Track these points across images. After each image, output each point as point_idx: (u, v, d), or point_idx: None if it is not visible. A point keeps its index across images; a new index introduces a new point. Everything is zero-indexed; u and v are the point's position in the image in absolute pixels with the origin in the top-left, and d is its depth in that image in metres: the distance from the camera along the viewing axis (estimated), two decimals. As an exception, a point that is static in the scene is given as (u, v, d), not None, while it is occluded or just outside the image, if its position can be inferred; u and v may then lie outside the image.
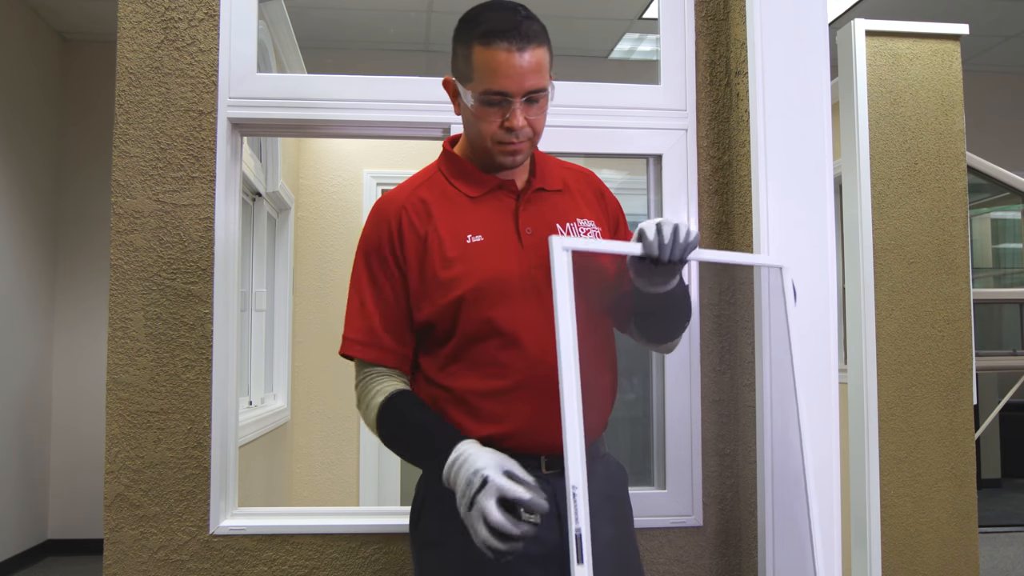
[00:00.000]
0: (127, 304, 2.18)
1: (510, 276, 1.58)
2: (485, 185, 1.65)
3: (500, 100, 1.54)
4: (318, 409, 4.82)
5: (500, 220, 1.63)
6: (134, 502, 2.16)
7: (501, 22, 1.53)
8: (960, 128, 3.14)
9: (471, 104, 1.56)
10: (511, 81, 1.53)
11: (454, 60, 1.61)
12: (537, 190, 1.68)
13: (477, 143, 1.62)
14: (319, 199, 4.90)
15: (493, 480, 1.37)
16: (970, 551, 3.02)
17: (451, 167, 1.69)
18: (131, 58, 2.22)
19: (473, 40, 1.54)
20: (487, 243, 1.60)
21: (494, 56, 1.52)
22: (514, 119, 1.55)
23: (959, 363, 3.08)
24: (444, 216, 1.62)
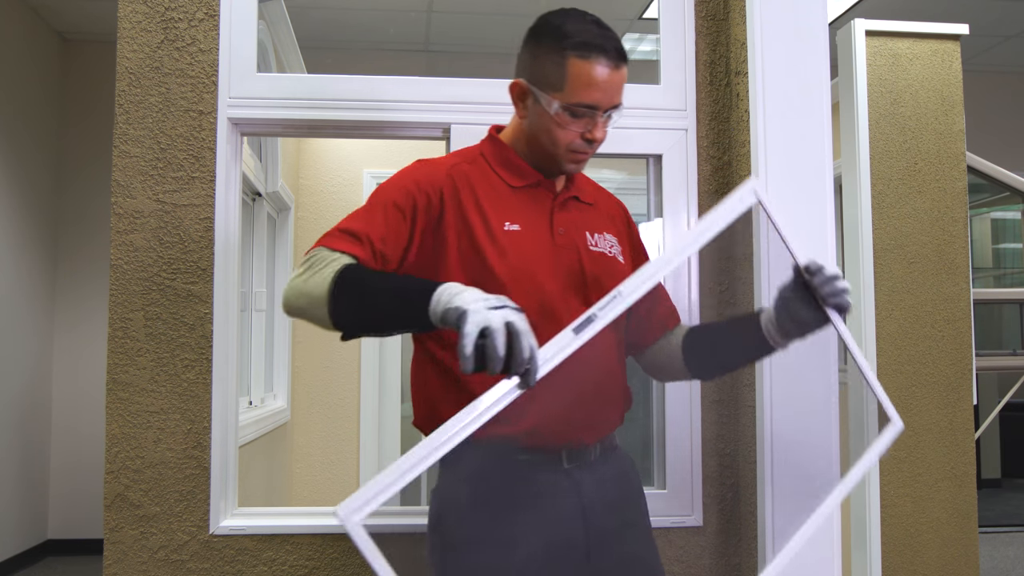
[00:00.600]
0: (127, 304, 2.18)
1: (542, 270, 1.60)
2: (527, 178, 1.66)
3: (586, 112, 1.56)
4: (318, 409, 4.82)
5: (536, 215, 1.64)
6: (134, 502, 2.16)
7: (600, 37, 1.54)
8: (960, 128, 3.14)
9: (554, 111, 1.56)
10: (604, 96, 1.55)
11: (532, 65, 1.59)
12: (573, 198, 1.71)
13: (545, 147, 1.62)
14: (319, 199, 4.90)
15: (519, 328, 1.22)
16: (970, 551, 3.02)
17: (496, 154, 1.69)
18: (131, 58, 2.22)
19: (568, 50, 1.54)
20: (523, 233, 1.61)
21: (592, 70, 1.53)
22: (597, 131, 1.58)
23: (959, 363, 3.08)
24: (485, 197, 1.62)
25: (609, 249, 1.70)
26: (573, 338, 1.29)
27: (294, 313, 1.51)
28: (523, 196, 1.65)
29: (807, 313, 1.51)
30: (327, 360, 4.84)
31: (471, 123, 2.30)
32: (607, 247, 1.70)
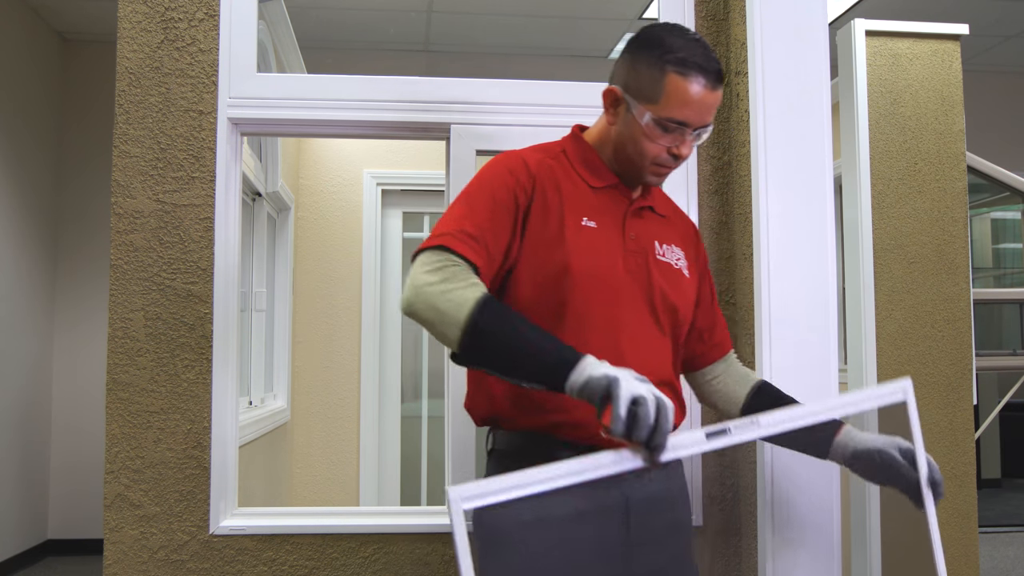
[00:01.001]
0: (127, 304, 2.18)
1: (612, 270, 1.61)
2: (606, 180, 1.68)
3: (676, 128, 1.57)
4: (318, 409, 4.82)
5: (611, 217, 1.66)
6: (134, 502, 2.16)
7: (702, 57, 1.54)
8: (960, 128, 3.14)
9: (646, 123, 1.57)
10: (696, 115, 1.56)
11: (630, 74, 1.59)
12: (648, 207, 1.72)
13: (631, 157, 1.63)
14: (319, 199, 4.90)
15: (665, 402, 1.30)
16: (970, 551, 3.02)
17: (578, 153, 1.70)
18: (131, 58, 2.23)
19: (669, 65, 1.54)
20: (598, 231, 1.62)
21: (690, 88, 1.54)
22: (684, 148, 1.60)
23: (959, 363, 3.08)
24: (567, 192, 1.64)
25: (676, 261, 1.71)
26: (703, 441, 1.37)
27: (415, 318, 1.48)
28: (601, 197, 1.67)
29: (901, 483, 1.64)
30: (327, 360, 4.84)
31: (471, 123, 2.30)
32: (674, 259, 1.71)
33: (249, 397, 4.01)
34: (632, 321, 1.61)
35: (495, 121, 2.32)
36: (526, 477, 1.30)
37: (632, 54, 1.61)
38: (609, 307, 1.59)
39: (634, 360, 1.57)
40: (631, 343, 1.60)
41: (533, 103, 2.33)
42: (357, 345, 4.88)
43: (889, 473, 1.63)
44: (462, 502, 1.26)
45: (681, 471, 1.77)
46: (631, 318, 1.61)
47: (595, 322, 1.58)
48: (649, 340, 1.63)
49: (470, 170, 2.30)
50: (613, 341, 1.58)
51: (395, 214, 5.05)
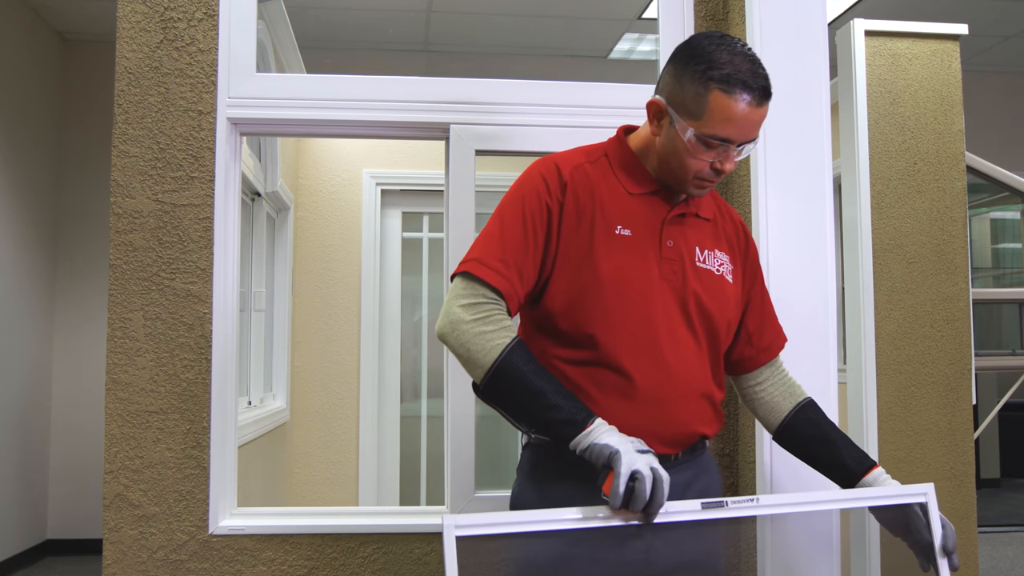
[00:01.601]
0: (126, 304, 2.18)
1: (643, 278, 1.60)
2: (647, 186, 1.66)
3: (719, 144, 1.55)
4: (317, 409, 4.82)
5: (649, 223, 1.64)
6: (133, 502, 2.16)
7: (748, 74, 1.51)
8: (959, 128, 3.14)
9: (688, 139, 1.55)
10: (740, 132, 1.54)
11: (674, 86, 1.57)
12: (690, 212, 1.69)
13: (673, 169, 1.61)
14: (318, 199, 4.90)
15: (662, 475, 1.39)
16: (969, 551, 3.02)
17: (620, 158, 1.69)
18: (130, 58, 2.23)
19: (712, 82, 1.51)
20: (633, 239, 1.61)
21: (734, 106, 1.51)
22: (727, 164, 1.58)
23: (958, 363, 3.08)
24: (603, 199, 1.62)
25: (718, 267, 1.69)
26: (698, 511, 1.46)
27: (446, 346, 1.57)
28: (640, 203, 1.65)
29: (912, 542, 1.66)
30: (326, 360, 4.84)
31: (471, 123, 2.31)
32: (715, 265, 1.69)
33: (248, 397, 4.01)
34: (667, 329, 1.60)
35: (495, 121, 2.32)
36: (523, 517, 1.42)
37: (678, 66, 1.57)
38: (643, 316, 1.58)
39: (676, 365, 1.58)
40: (672, 349, 1.59)
41: (533, 103, 2.33)
42: (356, 345, 4.88)
43: (905, 528, 1.64)
44: (455, 530, 1.34)
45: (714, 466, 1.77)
46: (665, 326, 1.60)
47: (630, 330, 1.57)
48: (685, 348, 1.62)
49: (470, 170, 2.31)
50: (653, 349, 1.58)
51: (394, 214, 5.05)
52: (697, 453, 1.69)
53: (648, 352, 1.57)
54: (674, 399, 1.59)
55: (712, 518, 1.46)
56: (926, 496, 1.60)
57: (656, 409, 1.57)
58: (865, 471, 1.67)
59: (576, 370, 1.58)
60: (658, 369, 1.57)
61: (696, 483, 1.66)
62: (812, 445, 1.74)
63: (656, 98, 1.60)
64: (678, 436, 1.61)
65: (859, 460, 1.69)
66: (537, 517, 1.42)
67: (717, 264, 1.69)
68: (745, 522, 1.80)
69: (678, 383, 1.59)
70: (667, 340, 1.59)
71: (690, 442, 1.64)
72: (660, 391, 1.57)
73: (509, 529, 1.40)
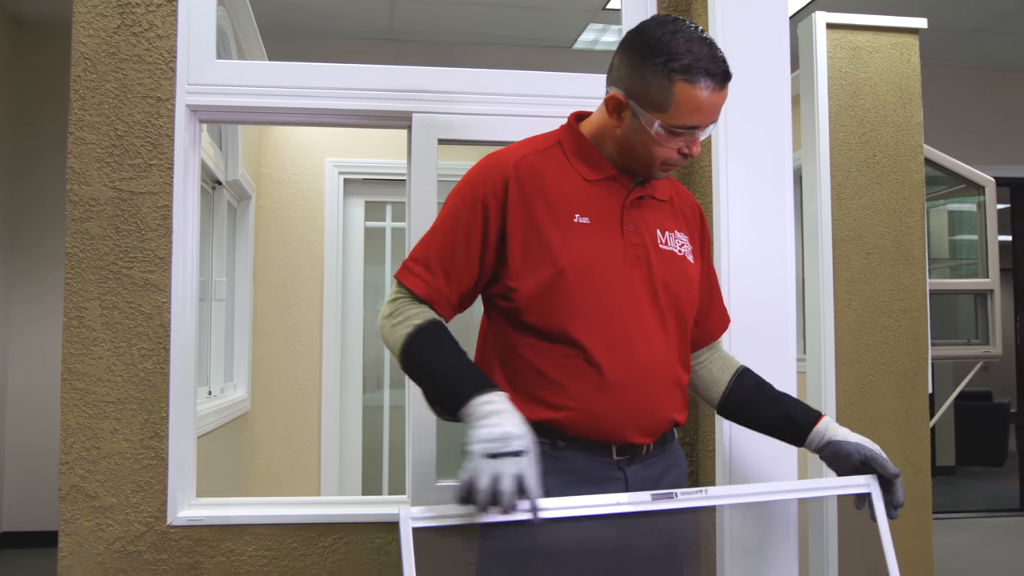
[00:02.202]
0: (83, 293, 2.15)
1: (608, 265, 1.59)
2: (602, 172, 1.65)
3: (686, 132, 1.55)
4: (279, 399, 4.79)
5: (608, 209, 1.63)
6: (90, 493, 2.13)
7: (709, 60, 1.51)
8: (918, 121, 3.18)
9: (656, 131, 1.54)
10: (706, 118, 1.55)
11: (634, 80, 1.55)
12: (648, 195, 1.68)
13: (639, 158, 1.61)
14: (280, 188, 4.85)
15: (527, 462, 1.40)
16: (924, 537, 3.07)
17: (573, 145, 1.67)
18: (87, 43, 2.19)
19: (676, 74, 1.50)
20: (592, 227, 1.60)
21: (698, 94, 1.51)
22: (694, 148, 1.58)
23: (915, 352, 3.13)
24: (556, 188, 1.61)
25: (679, 248, 1.69)
26: (648, 502, 1.49)
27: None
28: (597, 190, 1.64)
29: None
30: (288, 350, 4.81)
31: (433, 112, 2.30)
32: (677, 246, 1.69)
33: (209, 387, 3.97)
34: (636, 315, 1.59)
35: (457, 110, 2.31)
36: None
37: (634, 59, 1.55)
38: (610, 304, 1.57)
39: (647, 353, 1.58)
40: (642, 336, 1.59)
41: (495, 92, 2.33)
42: (319, 335, 4.85)
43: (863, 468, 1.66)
44: (411, 521, 1.36)
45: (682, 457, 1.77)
46: (634, 313, 1.59)
47: (598, 319, 1.57)
48: (655, 334, 1.61)
49: (432, 159, 2.30)
50: (624, 337, 1.57)
51: (357, 203, 5.02)
52: (667, 445, 1.69)
53: (619, 341, 1.57)
54: (647, 387, 1.59)
55: (661, 509, 1.47)
56: (868, 487, 1.64)
57: (630, 398, 1.57)
58: (813, 423, 1.70)
59: (548, 363, 1.57)
60: (630, 358, 1.57)
61: (665, 478, 1.66)
62: (755, 409, 1.76)
63: (615, 92, 1.58)
64: (652, 425, 1.61)
65: (805, 412, 1.72)
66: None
67: (679, 245, 1.69)
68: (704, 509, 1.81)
69: (650, 371, 1.59)
70: (637, 327, 1.59)
71: (663, 429, 1.64)
72: (633, 380, 1.57)
73: (466, 520, 1.41)
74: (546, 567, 1.53)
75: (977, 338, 3.87)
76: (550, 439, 1.57)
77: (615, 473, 1.59)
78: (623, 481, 1.59)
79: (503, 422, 1.42)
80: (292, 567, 2.20)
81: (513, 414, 1.44)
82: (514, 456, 1.39)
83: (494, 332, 1.66)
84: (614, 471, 1.59)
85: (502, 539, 1.54)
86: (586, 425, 1.56)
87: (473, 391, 1.47)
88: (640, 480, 1.60)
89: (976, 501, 6.93)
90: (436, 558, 1.77)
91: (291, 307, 4.82)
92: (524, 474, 1.38)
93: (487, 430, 1.41)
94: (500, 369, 1.62)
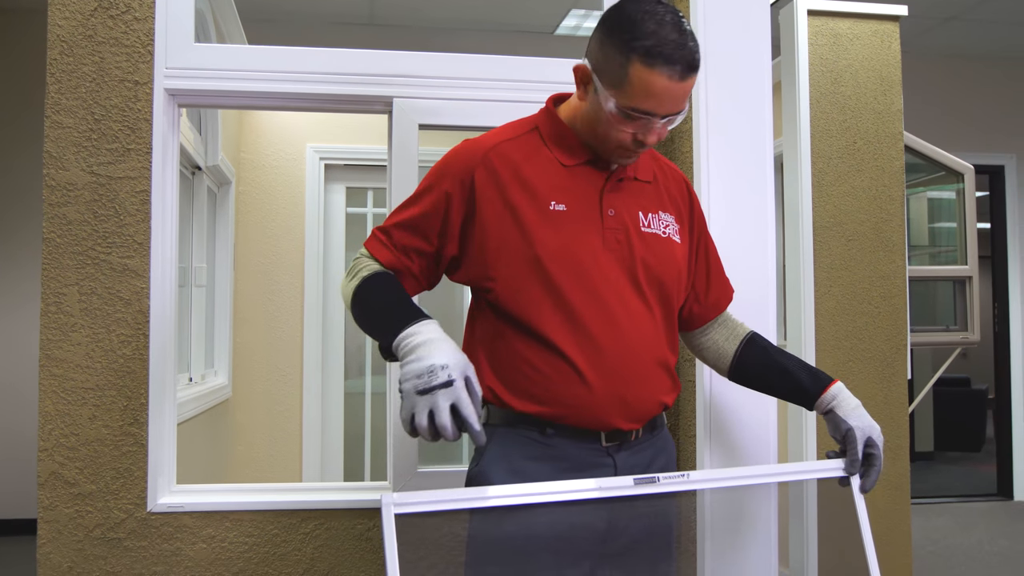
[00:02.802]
0: (60, 279, 2.13)
1: (587, 251, 1.57)
2: (580, 156, 1.62)
3: (641, 116, 1.50)
4: (260, 386, 4.78)
5: (586, 194, 1.60)
6: (69, 480, 2.12)
7: (671, 46, 1.45)
8: (898, 108, 3.20)
9: (609, 109, 1.50)
10: (661, 106, 1.49)
11: (599, 53, 1.52)
12: (628, 177, 1.66)
13: (598, 138, 1.58)
14: (261, 173, 4.82)
15: (458, 390, 1.39)
16: (902, 522, 3.10)
17: (551, 129, 1.65)
18: (63, 26, 2.16)
19: (634, 54, 1.45)
20: (570, 213, 1.58)
21: (654, 80, 1.46)
22: (650, 136, 1.53)
23: (894, 339, 3.15)
24: (532, 175, 1.59)
25: (664, 229, 1.66)
26: (631, 487, 1.49)
27: None
28: (575, 174, 1.61)
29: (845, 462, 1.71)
30: (270, 336, 4.79)
31: (414, 96, 2.29)
32: (661, 227, 1.66)
33: (189, 374, 3.95)
34: (619, 301, 1.58)
35: (438, 95, 2.30)
36: (462, 494, 1.45)
37: (603, 33, 1.51)
38: (592, 291, 1.56)
39: (632, 338, 1.57)
40: (627, 322, 1.58)
41: (477, 78, 2.32)
42: (300, 321, 4.83)
43: (844, 447, 1.70)
44: (394, 507, 1.36)
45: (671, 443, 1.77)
46: (617, 299, 1.57)
47: (581, 307, 1.55)
48: (639, 319, 1.60)
49: (412, 144, 2.29)
50: (608, 324, 1.56)
51: (338, 189, 5.00)
52: (656, 430, 1.68)
53: (603, 328, 1.56)
54: (633, 373, 1.58)
55: (643, 493, 1.48)
56: (843, 470, 1.69)
57: (616, 385, 1.56)
58: (822, 389, 1.71)
59: (534, 352, 1.56)
60: (615, 344, 1.56)
61: (654, 464, 1.66)
62: (766, 376, 1.77)
63: (583, 63, 1.56)
64: (641, 410, 1.60)
65: (814, 381, 1.72)
66: (475, 494, 1.44)
67: (663, 226, 1.66)
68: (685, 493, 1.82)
69: (635, 356, 1.58)
70: (621, 313, 1.57)
71: (653, 413, 1.63)
72: (619, 366, 1.56)
73: (448, 506, 1.42)
74: (533, 551, 1.53)
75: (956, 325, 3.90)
76: (539, 428, 1.57)
77: (604, 460, 1.59)
78: (612, 467, 1.59)
79: (429, 354, 1.40)
80: (273, 553, 2.19)
81: (439, 343, 1.43)
82: (444, 387, 1.38)
83: (481, 322, 1.65)
84: (603, 457, 1.59)
85: (488, 524, 1.54)
86: (573, 416, 1.56)
87: (399, 326, 1.47)
88: (630, 466, 1.60)
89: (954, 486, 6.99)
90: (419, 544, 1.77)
91: (272, 293, 4.80)
92: (457, 402, 1.38)
93: (412, 365, 1.40)
94: (487, 360, 1.61)
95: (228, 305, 4.48)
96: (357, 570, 2.22)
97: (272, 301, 4.80)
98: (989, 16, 5.73)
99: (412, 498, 1.39)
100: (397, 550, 1.33)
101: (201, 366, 4.09)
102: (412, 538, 1.43)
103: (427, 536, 1.98)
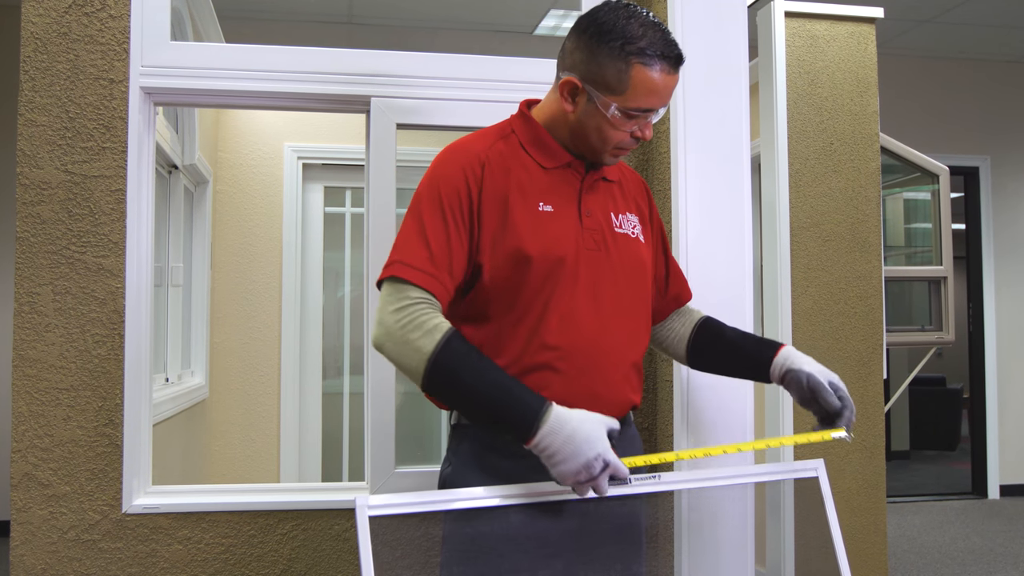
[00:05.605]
0: (34, 278, 2.11)
1: (573, 252, 1.60)
2: (558, 159, 1.65)
3: (641, 115, 1.57)
4: (237, 386, 4.75)
5: (567, 196, 1.64)
6: (43, 481, 2.10)
7: (663, 44, 1.54)
8: (874, 109, 3.22)
9: (612, 114, 1.56)
10: (660, 101, 1.57)
11: (590, 64, 1.56)
12: (600, 178, 1.70)
13: (592, 142, 1.62)
14: (238, 172, 4.79)
15: (615, 465, 1.42)
16: (878, 520, 3.12)
17: (528, 133, 1.67)
18: (37, 23, 2.14)
19: (633, 56, 1.52)
20: (555, 215, 1.61)
21: (654, 76, 1.54)
22: (647, 131, 1.61)
23: (870, 338, 3.17)
24: (520, 178, 1.61)
25: (632, 230, 1.71)
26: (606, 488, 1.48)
27: (384, 355, 1.54)
28: (554, 177, 1.64)
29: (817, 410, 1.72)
30: (247, 336, 4.77)
31: (392, 96, 2.28)
32: (630, 228, 1.71)
33: (166, 374, 3.92)
34: (596, 302, 1.60)
35: (416, 95, 2.30)
36: (435, 496, 1.46)
37: (591, 43, 1.56)
38: (573, 291, 1.58)
39: (608, 338, 1.59)
40: (604, 322, 1.60)
41: (455, 77, 2.32)
42: (277, 321, 4.81)
43: (811, 398, 1.68)
44: (368, 510, 1.37)
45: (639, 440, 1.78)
46: (594, 299, 1.60)
47: (562, 308, 1.57)
48: (615, 319, 1.62)
49: (391, 144, 2.28)
50: (586, 324, 1.58)
51: (316, 188, 4.98)
52: (625, 427, 1.70)
53: (581, 328, 1.58)
54: (608, 373, 1.60)
55: (618, 495, 1.49)
56: (816, 472, 1.68)
57: (591, 384, 1.58)
58: (771, 357, 1.72)
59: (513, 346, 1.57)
60: (592, 344, 1.58)
61: None
62: (718, 355, 1.80)
63: (570, 77, 1.59)
64: (613, 409, 1.61)
65: (759, 348, 1.75)
66: (449, 496, 1.45)
67: (631, 227, 1.71)
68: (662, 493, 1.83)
69: (611, 356, 1.60)
70: (602, 313, 1.60)
71: (623, 413, 1.65)
72: (594, 366, 1.58)
73: (422, 508, 1.42)
74: (508, 551, 1.53)
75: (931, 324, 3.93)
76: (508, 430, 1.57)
77: None
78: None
79: (576, 452, 1.41)
80: (250, 554, 2.18)
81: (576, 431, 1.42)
82: (603, 472, 1.42)
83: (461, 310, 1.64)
84: None
85: (463, 525, 1.54)
86: None
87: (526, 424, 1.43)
88: None
89: (929, 485, 7.05)
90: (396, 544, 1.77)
91: (249, 293, 4.77)
92: (615, 472, 1.42)
93: (564, 467, 1.41)
94: None
95: (205, 305, 4.45)
96: (335, 571, 2.21)
97: (250, 301, 4.77)
98: (964, 19, 5.78)
99: (386, 500, 1.39)
100: (372, 552, 1.34)
101: (178, 366, 4.06)
102: (389, 538, 1.43)
103: (404, 536, 1.97)
